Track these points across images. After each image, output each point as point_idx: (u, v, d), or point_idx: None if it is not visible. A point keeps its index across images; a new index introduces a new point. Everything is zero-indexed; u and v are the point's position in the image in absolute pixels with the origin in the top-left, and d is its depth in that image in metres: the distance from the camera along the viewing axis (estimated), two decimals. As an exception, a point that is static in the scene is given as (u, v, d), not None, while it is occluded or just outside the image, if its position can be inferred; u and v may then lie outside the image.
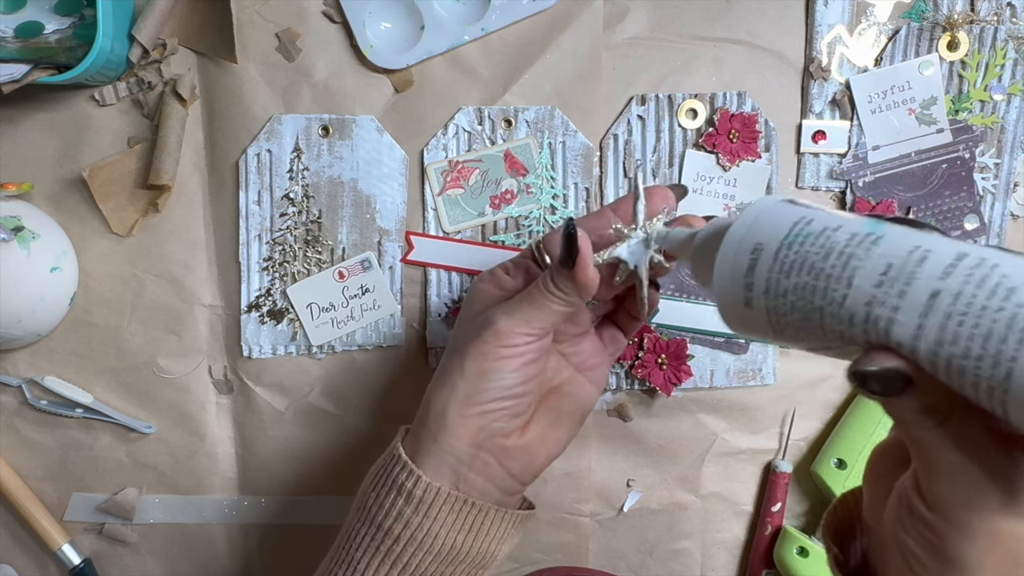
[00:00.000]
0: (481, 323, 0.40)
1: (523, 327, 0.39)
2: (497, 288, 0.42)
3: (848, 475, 0.52)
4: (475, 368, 0.39)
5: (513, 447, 0.40)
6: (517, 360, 0.39)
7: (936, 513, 0.27)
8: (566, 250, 0.37)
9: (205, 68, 0.53)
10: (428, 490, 0.38)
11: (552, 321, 0.39)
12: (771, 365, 0.55)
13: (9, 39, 0.50)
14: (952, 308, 0.24)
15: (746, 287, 0.29)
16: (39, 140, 0.53)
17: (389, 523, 0.38)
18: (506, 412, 0.39)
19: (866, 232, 0.27)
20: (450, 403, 0.39)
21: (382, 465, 0.40)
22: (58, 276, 0.51)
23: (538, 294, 0.39)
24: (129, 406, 0.55)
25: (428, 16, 0.51)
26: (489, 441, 0.39)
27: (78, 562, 0.55)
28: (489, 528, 0.40)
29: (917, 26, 0.52)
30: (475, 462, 0.39)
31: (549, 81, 0.53)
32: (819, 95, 0.53)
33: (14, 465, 0.55)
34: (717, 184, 0.53)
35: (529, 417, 0.41)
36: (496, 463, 0.40)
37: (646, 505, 0.56)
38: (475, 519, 0.39)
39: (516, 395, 0.39)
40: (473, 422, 0.39)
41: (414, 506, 0.38)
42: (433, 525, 0.38)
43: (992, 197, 0.53)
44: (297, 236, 0.54)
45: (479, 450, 0.39)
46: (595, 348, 0.44)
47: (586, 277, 0.38)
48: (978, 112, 0.53)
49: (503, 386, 0.39)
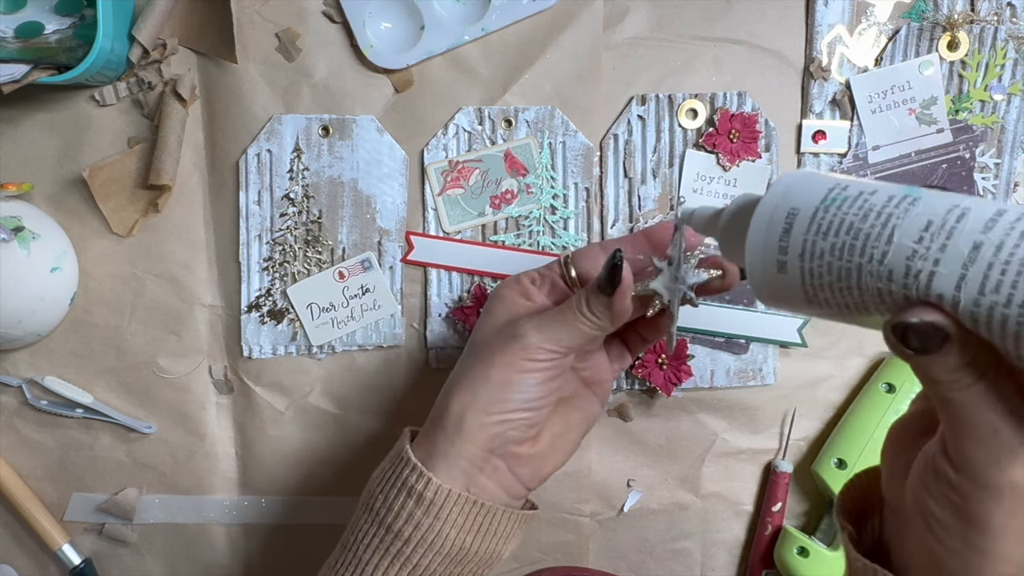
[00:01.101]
0: (509, 335, 0.40)
1: (551, 344, 0.39)
2: (524, 298, 0.43)
3: (848, 475, 0.52)
4: (500, 377, 0.39)
5: (525, 455, 0.41)
6: (541, 375, 0.40)
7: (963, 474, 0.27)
8: (608, 278, 0.38)
9: (205, 68, 0.53)
10: (439, 492, 0.39)
11: (580, 342, 0.40)
12: (771, 365, 0.55)
13: (9, 39, 0.50)
14: (995, 258, 0.24)
15: (780, 251, 0.30)
16: (39, 140, 0.53)
17: (399, 525, 0.39)
18: (524, 422, 0.40)
19: (903, 194, 0.28)
20: (470, 409, 0.40)
21: (390, 467, 0.41)
22: (58, 276, 0.51)
23: (571, 314, 0.40)
24: (129, 406, 0.55)
25: (428, 16, 0.51)
26: (503, 448, 0.40)
27: (78, 562, 0.55)
28: (497, 528, 0.41)
29: (917, 26, 0.52)
30: (487, 466, 0.40)
31: (549, 81, 0.53)
32: (819, 95, 0.53)
33: (14, 465, 0.55)
34: (717, 184, 0.53)
35: (542, 428, 0.42)
36: (507, 469, 0.41)
37: (646, 505, 0.56)
38: (484, 520, 0.40)
39: (535, 407, 0.40)
40: (491, 429, 0.40)
41: (424, 508, 0.39)
42: (443, 526, 0.39)
43: (992, 197, 0.53)
44: (297, 236, 0.54)
45: (491, 455, 0.40)
46: (603, 364, 0.45)
47: (624, 307, 0.39)
48: (978, 112, 0.53)
49: (525, 398, 0.40)
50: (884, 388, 0.53)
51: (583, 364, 0.45)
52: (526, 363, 0.39)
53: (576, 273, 0.43)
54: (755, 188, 0.53)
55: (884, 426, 0.52)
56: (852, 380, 0.56)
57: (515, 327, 0.41)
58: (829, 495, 0.53)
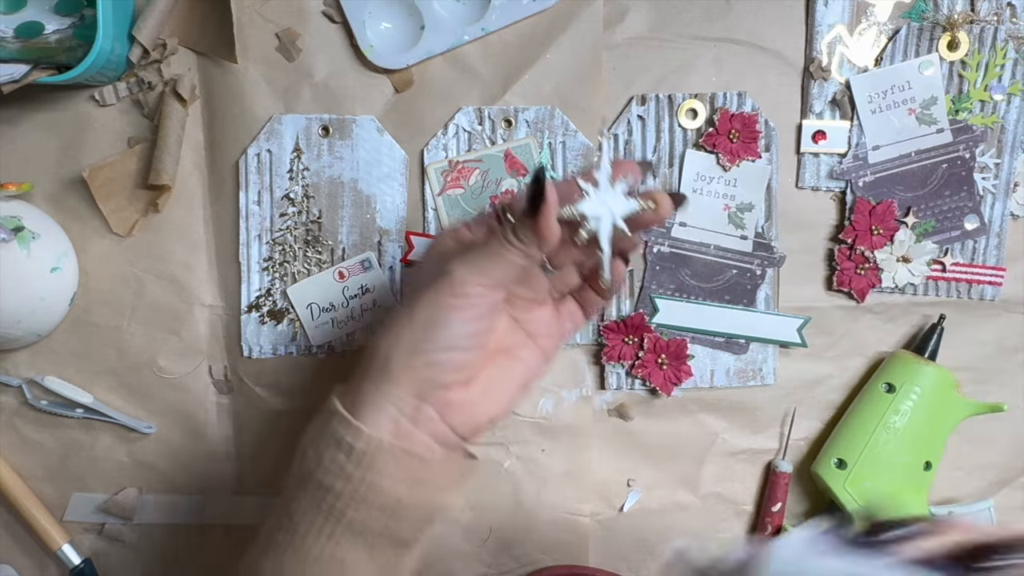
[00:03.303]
0: (438, 272, 0.39)
1: (478, 276, 0.38)
2: (456, 243, 0.42)
3: (848, 475, 0.52)
4: (424, 316, 0.38)
5: (456, 401, 0.39)
6: (468, 311, 0.38)
7: None
8: (531, 197, 0.37)
9: (205, 68, 0.53)
10: (370, 442, 0.37)
11: (507, 273, 0.38)
12: (771, 365, 0.55)
13: (9, 39, 0.50)
14: None
15: None
16: (39, 140, 0.53)
17: (329, 479, 0.37)
18: (451, 364, 0.38)
19: None
20: (395, 350, 0.38)
21: (320, 421, 0.39)
22: (58, 276, 0.51)
23: (496, 244, 0.38)
24: (129, 406, 0.55)
25: (428, 16, 0.51)
26: (432, 394, 0.38)
27: (78, 562, 0.55)
28: (433, 478, 0.39)
29: (917, 26, 0.52)
30: (418, 416, 0.38)
31: (549, 81, 0.53)
32: (819, 95, 0.53)
33: (14, 465, 0.55)
34: (717, 184, 0.53)
35: (474, 372, 0.40)
36: (439, 418, 0.39)
37: (646, 505, 0.56)
38: (418, 469, 0.38)
39: (463, 347, 0.38)
40: (418, 372, 0.38)
41: (356, 460, 0.37)
42: (376, 478, 0.37)
43: (992, 197, 0.53)
44: (297, 236, 0.54)
45: (422, 403, 0.38)
46: (550, 319, 0.44)
47: (548, 227, 0.37)
48: (978, 112, 0.53)
49: (451, 335, 0.38)
50: (884, 388, 0.53)
51: (527, 315, 0.43)
52: (452, 299, 0.38)
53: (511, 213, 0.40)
54: (755, 188, 0.53)
55: (884, 426, 0.52)
56: (852, 380, 0.56)
57: (442, 265, 0.39)
58: (829, 495, 0.53)
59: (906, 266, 0.53)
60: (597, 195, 0.38)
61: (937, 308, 0.54)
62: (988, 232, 0.54)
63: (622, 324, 0.54)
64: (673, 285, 0.54)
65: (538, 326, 0.43)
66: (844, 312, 0.55)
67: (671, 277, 0.54)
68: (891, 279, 0.54)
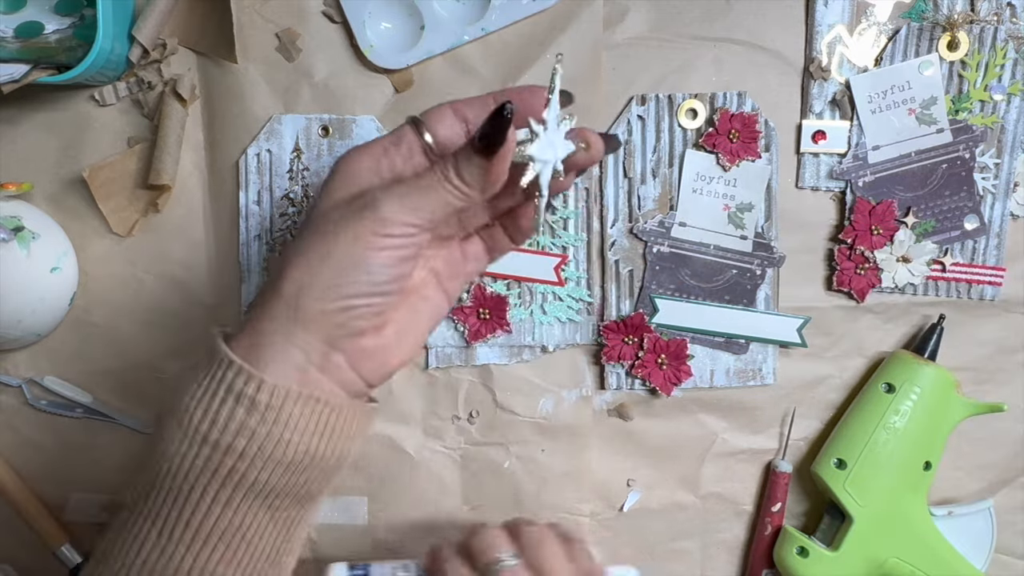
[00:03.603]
0: (360, 206, 0.35)
1: (412, 216, 0.34)
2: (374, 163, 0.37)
3: (848, 475, 0.52)
4: (345, 255, 0.34)
5: (368, 348, 0.36)
6: (395, 252, 0.35)
7: None
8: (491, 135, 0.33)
9: (205, 68, 0.53)
10: (276, 394, 0.33)
11: (443, 214, 0.35)
12: (771, 365, 0.55)
13: (9, 39, 0.50)
14: None
15: None
16: (39, 140, 0.53)
17: (229, 439, 0.33)
18: (371, 309, 0.35)
19: None
20: (308, 291, 0.34)
21: (205, 375, 0.34)
22: (58, 276, 0.51)
23: (436, 182, 0.35)
24: (129, 406, 0.55)
25: (428, 16, 0.51)
26: (345, 340, 0.35)
27: (78, 562, 0.55)
28: (344, 427, 0.36)
29: (917, 26, 0.52)
30: (326, 363, 0.35)
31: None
32: (819, 95, 0.53)
33: (14, 465, 0.55)
34: (717, 184, 0.53)
35: (389, 317, 0.37)
36: (348, 366, 0.36)
37: (646, 505, 0.56)
38: (329, 419, 0.35)
39: (385, 292, 0.35)
40: (333, 317, 0.34)
41: (260, 414, 0.33)
42: (284, 432, 0.34)
43: (992, 197, 0.53)
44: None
45: (331, 349, 0.35)
46: (455, 258, 0.41)
47: (501, 173, 0.34)
48: (978, 112, 0.53)
49: (374, 280, 0.35)
50: (884, 388, 0.53)
51: (432, 251, 0.40)
52: (378, 239, 0.34)
53: (433, 140, 0.37)
54: (755, 188, 0.53)
55: (884, 426, 0.52)
56: (852, 380, 0.56)
57: (366, 198, 0.35)
58: (829, 495, 0.53)
59: (906, 266, 0.54)
60: (546, 136, 0.35)
61: (937, 308, 0.54)
62: (988, 232, 0.54)
63: (622, 324, 0.54)
64: (673, 285, 0.54)
65: (442, 265, 0.40)
66: (844, 312, 0.55)
67: (671, 277, 0.54)
68: (891, 279, 0.54)
